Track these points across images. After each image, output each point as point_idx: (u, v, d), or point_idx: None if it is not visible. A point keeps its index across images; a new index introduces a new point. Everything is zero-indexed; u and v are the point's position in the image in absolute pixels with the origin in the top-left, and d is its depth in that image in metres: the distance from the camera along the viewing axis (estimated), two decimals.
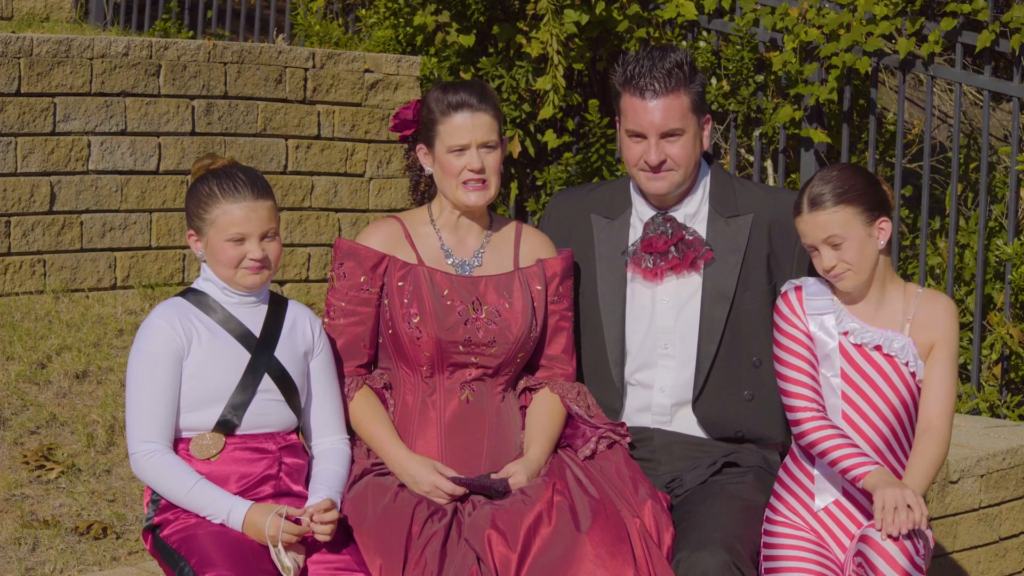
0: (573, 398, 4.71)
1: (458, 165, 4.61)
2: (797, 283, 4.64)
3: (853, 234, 4.48)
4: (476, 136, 4.61)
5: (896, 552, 4.27)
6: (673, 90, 4.69)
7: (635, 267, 4.83)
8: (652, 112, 4.70)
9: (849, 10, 7.27)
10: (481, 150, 4.62)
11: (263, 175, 4.48)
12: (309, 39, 8.50)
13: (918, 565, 4.30)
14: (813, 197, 4.50)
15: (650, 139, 4.71)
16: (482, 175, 4.61)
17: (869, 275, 4.53)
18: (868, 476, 4.38)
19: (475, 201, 4.63)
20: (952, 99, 8.80)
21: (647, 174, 4.75)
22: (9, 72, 6.62)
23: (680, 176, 4.75)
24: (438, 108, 4.63)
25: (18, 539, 5.14)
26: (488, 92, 4.67)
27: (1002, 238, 7.28)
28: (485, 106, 4.62)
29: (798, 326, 4.58)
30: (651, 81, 4.69)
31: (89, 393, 5.98)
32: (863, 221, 4.49)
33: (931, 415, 4.51)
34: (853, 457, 4.42)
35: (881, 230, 4.52)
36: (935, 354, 4.54)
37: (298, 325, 4.49)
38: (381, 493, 4.44)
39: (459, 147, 4.61)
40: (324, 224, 7.55)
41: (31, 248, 6.71)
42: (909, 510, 4.27)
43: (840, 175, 4.53)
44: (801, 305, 4.60)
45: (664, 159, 4.72)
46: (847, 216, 4.48)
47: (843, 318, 4.56)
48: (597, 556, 4.27)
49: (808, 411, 4.52)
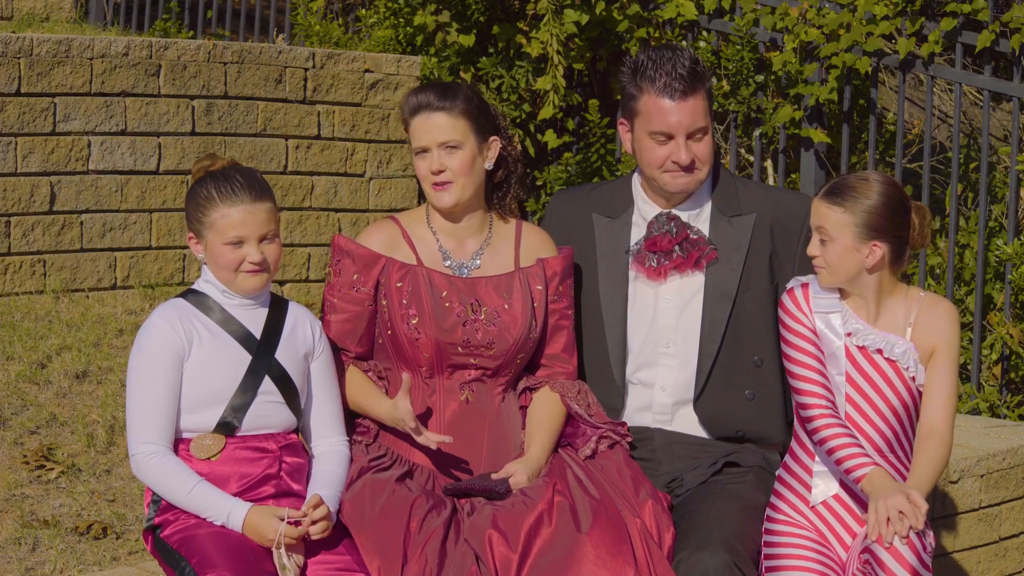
0: (573, 396, 4.71)
1: (424, 168, 4.63)
2: (804, 280, 4.64)
3: (840, 239, 4.48)
4: (435, 136, 4.61)
5: (905, 549, 4.28)
6: (696, 89, 4.71)
7: (638, 266, 4.83)
8: (680, 112, 4.70)
9: (849, 10, 7.26)
10: (442, 150, 4.61)
11: (263, 176, 4.48)
12: (309, 39, 8.50)
13: (925, 562, 4.31)
14: (834, 186, 4.48)
15: (679, 139, 4.71)
16: (442, 176, 4.61)
17: (841, 282, 4.53)
18: (866, 478, 4.39)
19: (441, 202, 4.63)
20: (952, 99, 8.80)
21: (673, 173, 4.74)
22: (9, 72, 6.62)
23: (704, 173, 4.78)
24: (405, 111, 4.67)
25: (18, 539, 5.14)
26: (453, 90, 4.64)
27: (1002, 238, 7.27)
28: (445, 104, 4.61)
29: (805, 323, 4.58)
30: (675, 81, 4.69)
31: (89, 393, 5.98)
32: (855, 234, 4.47)
33: (933, 419, 4.52)
34: (856, 457, 4.43)
35: (872, 251, 4.49)
36: (936, 359, 4.54)
37: (299, 327, 4.49)
38: (378, 490, 4.43)
39: (420, 149, 4.63)
40: (324, 224, 7.55)
41: (31, 248, 6.70)
42: (902, 516, 4.28)
43: (872, 185, 4.46)
44: (808, 302, 4.59)
45: (692, 158, 4.73)
46: (842, 222, 4.47)
47: (848, 318, 4.56)
48: (598, 556, 4.27)
49: (818, 407, 4.51)
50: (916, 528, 4.29)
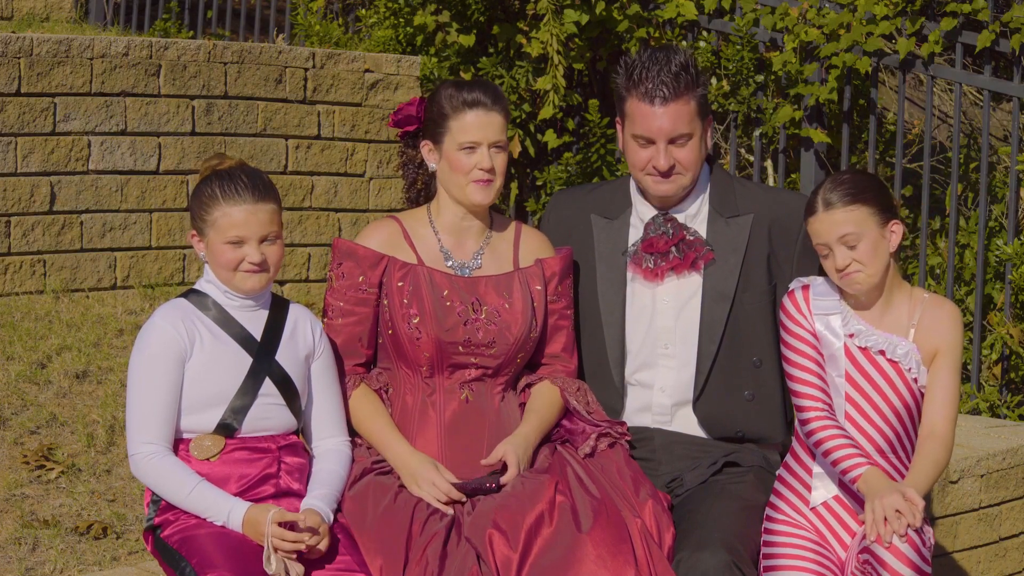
0: (573, 393, 4.71)
1: (468, 163, 4.61)
2: (805, 282, 4.64)
3: (868, 233, 4.48)
4: (488, 135, 4.61)
5: (905, 547, 4.28)
6: (681, 95, 4.69)
7: (635, 267, 4.83)
8: (661, 118, 4.69)
9: (849, 10, 7.26)
10: (492, 149, 4.62)
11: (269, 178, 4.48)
12: (309, 39, 8.50)
13: (925, 557, 4.31)
14: (828, 197, 4.50)
15: (659, 144, 4.70)
16: (491, 174, 4.62)
17: (880, 278, 4.53)
18: (861, 478, 4.40)
19: (481, 199, 4.63)
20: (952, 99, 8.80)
21: (654, 178, 4.75)
22: (9, 72, 6.62)
23: (688, 179, 4.76)
24: (450, 104, 4.62)
25: (18, 539, 5.14)
26: (500, 94, 4.68)
27: (1002, 238, 7.27)
28: (498, 107, 4.63)
29: (804, 325, 4.59)
30: (659, 86, 4.67)
31: (89, 393, 5.98)
32: (877, 222, 4.49)
33: (935, 421, 4.52)
34: (851, 458, 4.43)
35: (893, 232, 4.52)
36: (939, 361, 4.54)
37: (299, 328, 4.48)
38: (382, 493, 4.44)
39: (471, 144, 4.61)
40: (324, 224, 7.55)
41: (31, 248, 6.70)
42: (899, 515, 4.29)
43: (852, 177, 4.55)
44: (808, 304, 4.60)
45: (673, 164, 4.72)
46: (862, 215, 4.48)
47: (849, 320, 4.57)
48: (598, 556, 4.27)
49: (815, 409, 4.52)
50: (914, 526, 4.29)
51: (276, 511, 4.21)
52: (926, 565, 4.32)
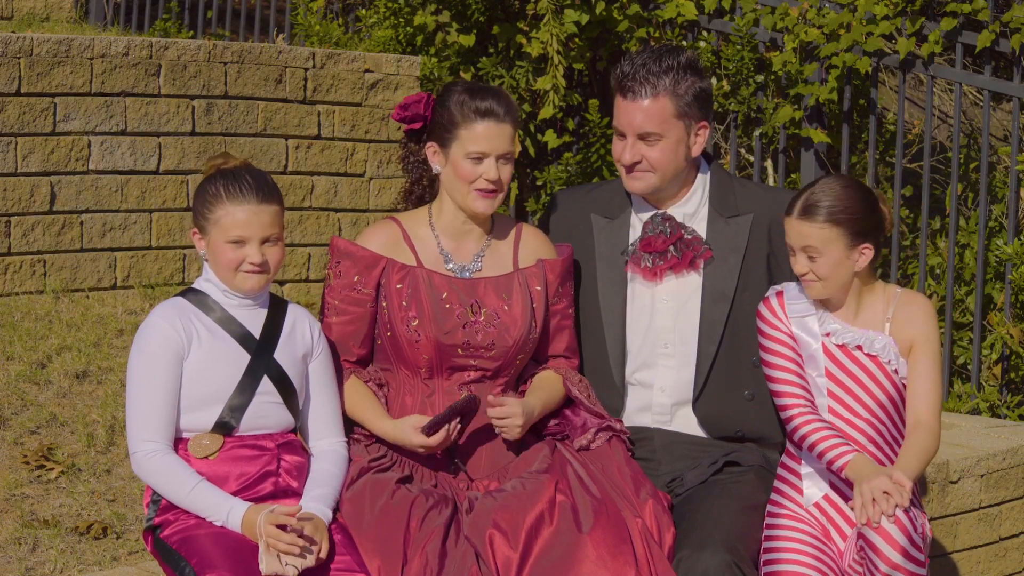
0: (575, 383, 4.72)
1: (474, 173, 4.58)
2: (779, 288, 4.69)
3: (831, 252, 4.52)
4: (497, 147, 4.58)
5: (894, 529, 4.30)
6: (656, 95, 4.70)
7: (634, 267, 4.83)
8: (632, 113, 4.73)
9: (849, 10, 7.26)
10: (499, 161, 4.59)
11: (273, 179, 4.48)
12: (309, 39, 8.50)
13: (916, 542, 4.32)
14: (808, 205, 4.52)
15: (628, 139, 4.75)
16: (496, 185, 4.59)
17: (836, 291, 4.58)
18: (848, 466, 4.43)
19: (483, 210, 4.62)
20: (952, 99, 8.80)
21: (626, 172, 4.79)
22: (9, 72, 6.62)
23: (657, 179, 4.76)
24: (461, 112, 4.58)
25: (18, 539, 5.13)
26: (512, 104, 4.62)
27: (1002, 238, 7.27)
28: (510, 118, 4.59)
29: (781, 328, 4.63)
30: (635, 83, 4.71)
31: (89, 393, 5.98)
32: (845, 244, 4.52)
33: (919, 411, 4.57)
34: (837, 447, 4.47)
35: (862, 255, 4.54)
36: (916, 352, 4.58)
37: (297, 328, 4.49)
38: (379, 491, 4.43)
39: (479, 154, 4.57)
40: (324, 224, 7.55)
41: (31, 248, 6.70)
42: (886, 496, 4.30)
43: (843, 192, 4.52)
44: (783, 309, 4.65)
45: (639, 160, 4.74)
46: (831, 236, 4.51)
47: (825, 319, 4.62)
48: (599, 557, 4.27)
49: (796, 407, 4.56)
50: (902, 505, 4.31)
51: (269, 512, 4.21)
52: (917, 551, 4.32)
